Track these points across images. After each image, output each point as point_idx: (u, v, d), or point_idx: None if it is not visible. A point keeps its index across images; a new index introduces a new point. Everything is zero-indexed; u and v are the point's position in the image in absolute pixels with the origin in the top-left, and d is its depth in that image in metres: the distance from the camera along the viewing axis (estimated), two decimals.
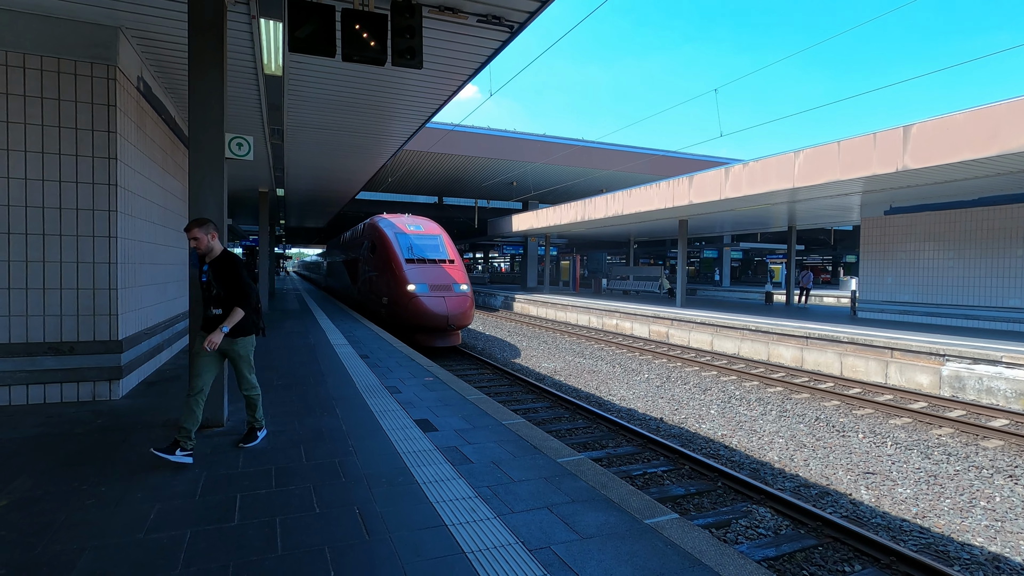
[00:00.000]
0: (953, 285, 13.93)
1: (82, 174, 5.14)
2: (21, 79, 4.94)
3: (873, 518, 4.84)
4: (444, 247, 14.85)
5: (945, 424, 7.55)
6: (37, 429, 4.38)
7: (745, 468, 5.97)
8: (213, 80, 4.37)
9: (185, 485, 3.37)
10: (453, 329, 12.79)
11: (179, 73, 6.54)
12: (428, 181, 27.97)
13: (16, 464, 3.65)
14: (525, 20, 5.29)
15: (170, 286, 7.74)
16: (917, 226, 14.72)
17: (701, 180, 14.62)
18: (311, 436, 4.38)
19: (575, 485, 3.50)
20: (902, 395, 9.13)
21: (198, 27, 4.33)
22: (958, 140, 8.88)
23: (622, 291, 30.24)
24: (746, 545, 4.22)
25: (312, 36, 4.29)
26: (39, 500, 3.12)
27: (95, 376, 5.26)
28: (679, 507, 4.93)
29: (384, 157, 11.57)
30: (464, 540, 2.77)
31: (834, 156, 10.82)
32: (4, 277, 4.93)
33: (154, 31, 5.43)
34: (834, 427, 7.47)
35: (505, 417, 5.04)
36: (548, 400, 8.70)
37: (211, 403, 4.47)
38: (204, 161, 4.39)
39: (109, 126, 5.21)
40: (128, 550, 2.61)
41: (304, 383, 6.32)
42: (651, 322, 16.64)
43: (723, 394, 9.32)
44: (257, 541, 2.72)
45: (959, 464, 6.13)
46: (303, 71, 6.62)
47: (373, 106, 7.99)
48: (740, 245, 39.38)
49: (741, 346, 13.34)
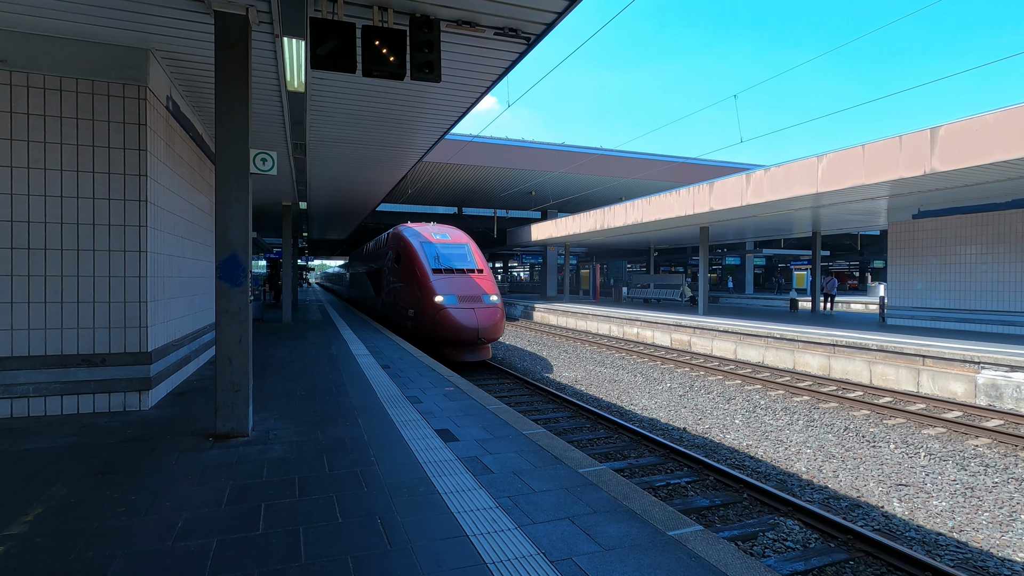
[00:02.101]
0: (987, 290, 13.49)
1: (114, 191, 5.32)
2: (58, 101, 5.15)
3: (907, 532, 4.68)
4: (472, 256, 14.34)
5: (982, 434, 7.29)
6: (71, 439, 4.51)
7: (772, 479, 5.84)
8: (238, 97, 4.50)
9: (212, 494, 3.43)
10: (483, 342, 12.17)
11: (206, 92, 6.75)
12: (448, 192, 28.21)
13: (52, 472, 3.76)
14: (541, 32, 5.33)
15: (197, 298, 7.92)
16: (948, 229, 14.32)
17: (722, 186, 14.47)
18: (334, 446, 4.42)
19: (597, 496, 3.47)
20: (935, 404, 8.84)
21: (224, 47, 4.47)
22: (989, 141, 8.64)
23: (643, 299, 29.97)
24: (773, 559, 4.12)
25: (333, 53, 4.39)
26: (73, 507, 3.21)
27: (125, 387, 5.40)
28: (703, 519, 4.84)
29: (404, 169, 11.72)
30: (485, 551, 2.76)
31: (859, 160, 10.62)
32: (41, 291, 5.11)
33: (182, 52, 5.61)
34: (864, 437, 7.27)
35: (526, 427, 5.03)
36: (569, 410, 8.64)
37: (236, 412, 4.56)
38: (230, 176, 4.51)
39: (140, 144, 5.39)
40: (157, 558, 2.66)
41: (327, 393, 6.39)
42: (673, 330, 16.44)
43: (748, 403, 9.15)
44: (281, 550, 2.75)
45: (997, 476, 5.90)
46: (325, 87, 6.77)
47: (393, 120, 8.11)
48: (763, 251, 38.80)
49: (766, 354, 13.09)
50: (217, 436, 4.55)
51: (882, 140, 10.20)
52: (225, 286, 4.49)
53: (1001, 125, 8.47)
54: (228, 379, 4.51)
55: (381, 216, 29.22)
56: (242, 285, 4.52)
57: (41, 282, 5.11)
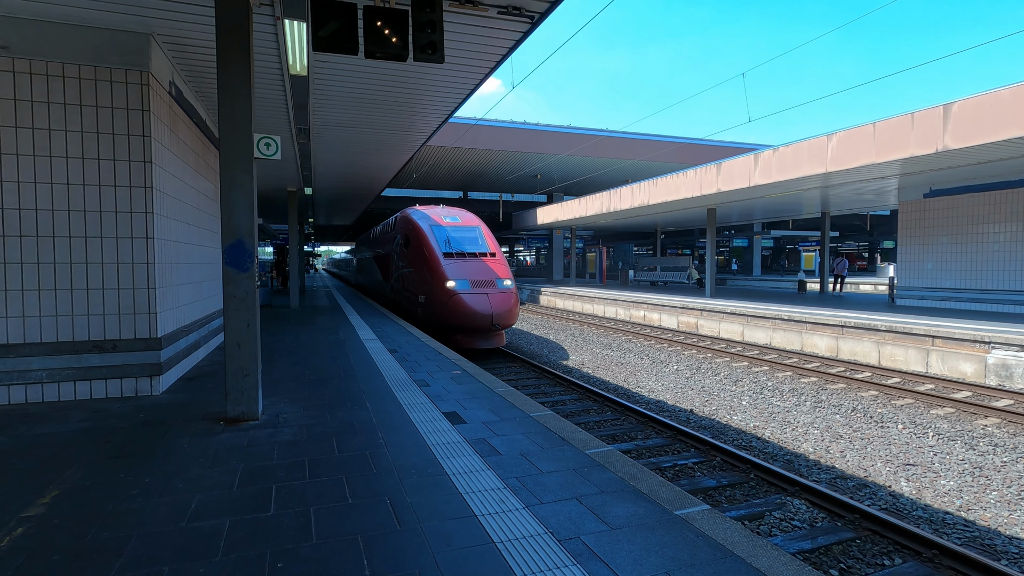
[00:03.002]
0: (999, 269, 13.32)
1: (119, 178, 5.33)
2: (61, 88, 5.13)
3: (914, 511, 4.69)
4: (484, 239, 13.85)
5: (991, 414, 7.25)
6: (85, 423, 4.58)
7: (779, 460, 5.86)
8: (241, 81, 4.47)
9: (224, 476, 3.48)
10: (497, 329, 11.78)
11: (208, 76, 6.71)
12: (453, 176, 28.09)
13: (67, 456, 3.83)
14: (546, 10, 5.24)
15: (205, 285, 7.97)
16: (959, 209, 14.11)
17: (730, 167, 14.30)
18: (343, 429, 4.47)
19: (604, 476, 3.49)
20: (944, 384, 8.80)
21: (225, 30, 4.42)
22: (1004, 117, 8.46)
23: (649, 282, 29.89)
24: (780, 537, 4.14)
25: (335, 35, 4.33)
26: (88, 490, 3.27)
27: (137, 372, 5.46)
28: (710, 499, 4.87)
29: (409, 153, 11.66)
30: (494, 530, 2.79)
31: (869, 138, 10.44)
32: (51, 279, 5.16)
33: (183, 36, 5.57)
34: (872, 418, 7.25)
35: (533, 409, 5.05)
36: (576, 392, 8.67)
37: (246, 397, 4.61)
38: (234, 161, 4.50)
39: (144, 130, 5.38)
40: (172, 538, 2.71)
41: (335, 377, 6.44)
42: (680, 313, 16.41)
43: (755, 385, 9.14)
44: (292, 530, 2.79)
45: (1007, 455, 5.88)
46: (327, 70, 6.71)
47: (397, 102, 8.04)
48: (771, 233, 38.47)
49: (773, 336, 13.05)
50: (228, 420, 4.60)
51: (893, 118, 10.01)
52: (232, 272, 4.51)
53: (1017, 100, 8.29)
54: (237, 364, 4.55)
55: (387, 201, 29.17)
56: (249, 270, 4.53)
57: (51, 269, 5.15)
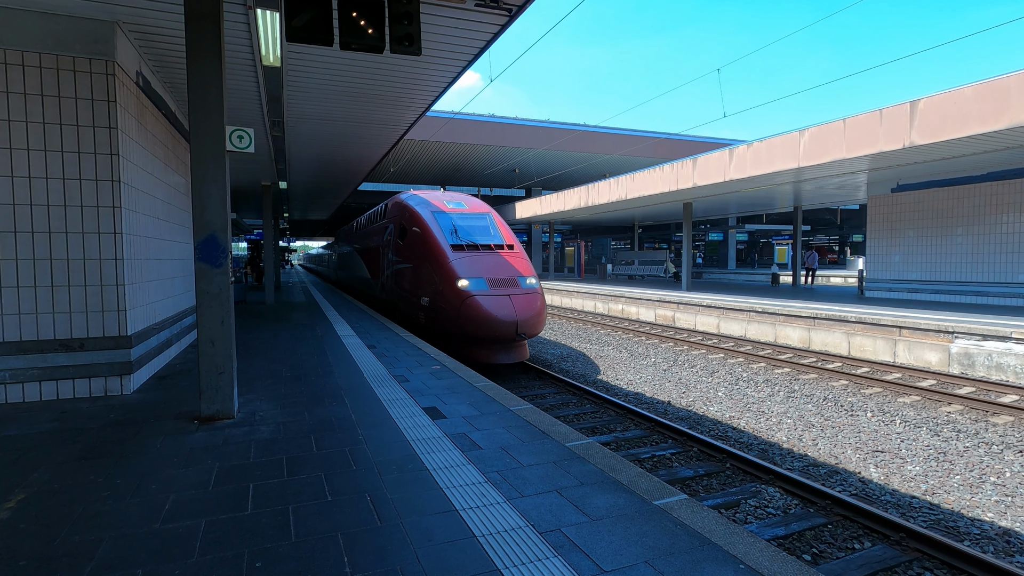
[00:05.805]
0: (962, 262, 13.80)
1: (85, 171, 5.15)
2: (21, 77, 4.93)
3: (883, 496, 4.85)
4: (497, 228, 11.42)
5: (954, 401, 7.53)
6: (52, 424, 4.44)
7: (754, 449, 5.99)
8: (212, 71, 4.35)
9: (199, 476, 3.41)
10: (523, 339, 9.37)
11: (178, 67, 6.52)
12: (431, 170, 27.88)
13: (33, 458, 3.70)
14: (524, 3, 5.22)
15: (176, 281, 7.78)
16: (925, 203, 14.56)
17: (705, 162, 14.49)
18: (321, 426, 4.42)
19: (584, 469, 3.52)
20: (911, 373, 9.10)
21: (194, 18, 4.30)
22: (967, 114, 8.74)
23: (627, 276, 30.17)
24: (756, 524, 4.24)
25: (309, 25, 4.24)
26: (57, 493, 3.17)
27: (106, 371, 5.31)
28: (688, 488, 4.95)
29: (386, 147, 11.52)
30: (475, 524, 2.79)
31: (840, 134, 10.68)
32: (13, 275, 4.97)
33: (151, 24, 5.39)
34: (842, 407, 7.46)
35: (513, 403, 5.07)
36: (555, 386, 8.72)
37: (221, 395, 4.52)
38: (206, 154, 4.39)
39: (110, 122, 5.21)
40: (145, 539, 2.65)
41: (312, 374, 6.36)
42: (657, 306, 16.61)
43: (730, 376, 9.32)
44: (271, 529, 2.75)
45: (969, 440, 6.12)
46: (301, 61, 6.58)
47: (373, 95, 7.93)
48: (745, 227, 39.17)
49: (748, 328, 13.31)
50: (202, 419, 4.51)
51: (863, 114, 10.26)
52: (205, 267, 4.40)
53: (979, 97, 8.56)
54: (211, 361, 4.46)
55: (364, 196, 28.83)
56: (222, 266, 4.43)
57: (12, 266, 4.96)
